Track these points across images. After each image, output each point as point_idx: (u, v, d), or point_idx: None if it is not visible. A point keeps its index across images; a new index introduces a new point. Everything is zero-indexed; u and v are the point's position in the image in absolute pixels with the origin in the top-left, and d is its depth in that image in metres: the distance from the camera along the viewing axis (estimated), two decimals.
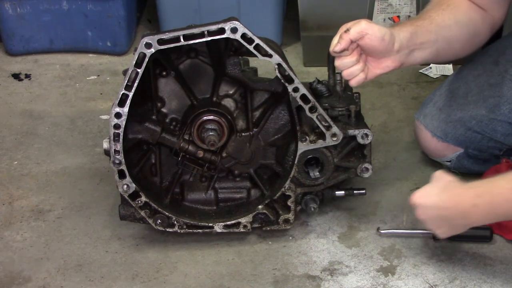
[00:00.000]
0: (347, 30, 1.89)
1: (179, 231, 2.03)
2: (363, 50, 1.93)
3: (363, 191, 2.14)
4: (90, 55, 3.17)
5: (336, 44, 1.90)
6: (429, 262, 1.97)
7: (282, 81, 1.93)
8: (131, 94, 1.88)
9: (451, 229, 1.85)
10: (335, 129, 1.97)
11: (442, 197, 1.79)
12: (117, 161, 1.94)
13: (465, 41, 2.09)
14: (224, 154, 2.06)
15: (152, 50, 1.86)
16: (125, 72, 1.90)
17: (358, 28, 1.89)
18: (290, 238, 2.08)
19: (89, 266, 2.00)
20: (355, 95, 2.11)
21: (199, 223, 2.03)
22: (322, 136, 1.98)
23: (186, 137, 2.03)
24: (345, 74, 1.95)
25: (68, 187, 2.33)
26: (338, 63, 1.95)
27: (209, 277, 1.95)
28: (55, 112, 2.76)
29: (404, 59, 1.98)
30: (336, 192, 2.11)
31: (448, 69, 2.90)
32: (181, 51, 2.02)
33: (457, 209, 1.78)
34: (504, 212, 1.74)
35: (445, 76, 2.85)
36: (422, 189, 1.85)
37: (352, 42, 1.89)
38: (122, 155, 1.93)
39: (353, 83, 1.96)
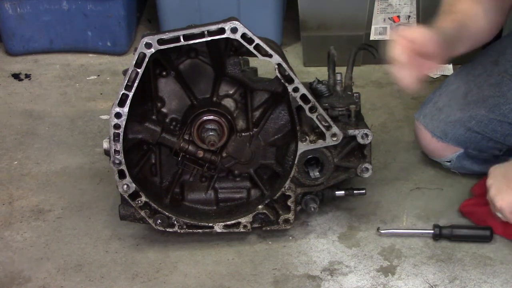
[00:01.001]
0: (406, 37, 1.84)
1: (179, 231, 2.03)
2: (417, 53, 1.87)
3: (363, 191, 2.14)
4: (90, 55, 3.17)
5: (399, 55, 1.83)
6: (429, 262, 1.97)
7: (282, 81, 1.93)
8: (131, 94, 1.88)
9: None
10: (335, 129, 1.97)
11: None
12: (117, 161, 1.94)
13: (493, 27, 2.14)
14: (224, 154, 2.06)
15: (152, 50, 1.86)
16: (125, 72, 1.90)
17: (421, 37, 1.84)
18: (290, 238, 2.08)
19: (89, 266, 2.00)
20: (355, 95, 2.11)
21: (199, 223, 2.03)
22: (322, 136, 1.98)
23: (186, 137, 2.03)
24: (399, 78, 1.87)
25: (68, 187, 2.33)
26: (397, 74, 1.86)
27: (209, 277, 1.95)
28: (55, 112, 2.76)
29: (447, 54, 1.97)
30: (336, 192, 2.11)
31: (448, 69, 2.90)
32: (181, 51, 2.02)
33: None
34: None
35: (445, 76, 2.85)
36: (501, 194, 1.93)
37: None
38: (122, 155, 1.93)
39: (407, 84, 1.87)
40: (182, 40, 1.87)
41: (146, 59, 1.87)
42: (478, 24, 2.08)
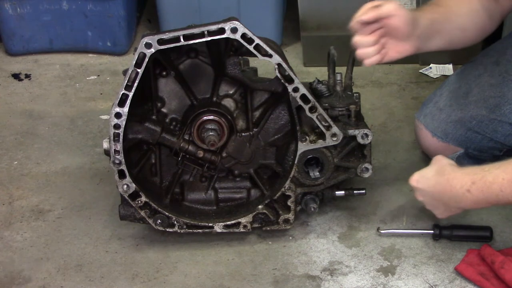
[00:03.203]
0: (377, 6, 1.88)
1: (179, 231, 2.03)
2: (386, 31, 1.91)
3: (363, 191, 2.14)
4: (90, 55, 3.17)
5: (363, 14, 1.89)
6: (429, 262, 1.97)
7: (282, 81, 1.93)
8: (131, 94, 1.88)
9: (447, 211, 1.91)
10: (335, 129, 1.97)
11: (438, 180, 1.86)
12: (117, 161, 1.94)
13: (478, 29, 2.10)
14: (224, 154, 2.06)
15: (152, 50, 1.86)
16: (125, 72, 1.90)
17: (391, 7, 1.88)
18: (290, 238, 2.08)
19: (89, 266, 2.00)
20: (355, 95, 2.11)
21: (199, 223, 2.03)
22: (322, 136, 1.98)
23: (186, 137, 2.03)
24: (360, 53, 1.93)
25: (68, 187, 2.33)
26: (357, 39, 1.92)
27: (209, 277, 1.95)
28: (55, 112, 2.76)
29: (421, 45, 1.98)
30: (336, 192, 2.11)
31: (448, 69, 2.90)
32: (181, 51, 2.02)
33: (451, 193, 1.82)
34: (496, 200, 1.76)
35: (445, 76, 2.85)
36: (421, 171, 1.91)
37: (377, 19, 1.89)
38: (122, 155, 1.93)
39: (367, 63, 1.93)
40: (182, 40, 1.87)
41: (146, 59, 1.87)
42: (461, 23, 2.05)
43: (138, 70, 1.87)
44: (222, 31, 1.86)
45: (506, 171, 1.72)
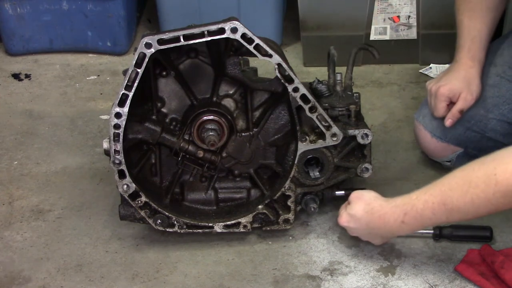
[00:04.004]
0: (461, 111, 2.15)
1: (179, 231, 2.03)
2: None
3: None
4: (90, 55, 3.17)
5: (448, 120, 2.17)
6: (429, 262, 1.97)
7: (282, 81, 1.93)
8: (131, 94, 1.88)
9: (384, 239, 1.97)
10: (335, 129, 1.97)
11: (369, 219, 1.88)
12: (117, 161, 1.94)
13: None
14: (224, 154, 2.06)
15: (152, 50, 1.86)
16: (125, 72, 1.90)
17: (466, 103, 2.15)
18: (290, 238, 2.08)
19: (89, 266, 2.00)
20: (355, 95, 2.11)
21: (199, 223, 2.03)
22: (322, 136, 1.98)
23: (186, 137, 2.03)
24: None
25: (68, 187, 2.33)
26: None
27: (209, 277, 1.95)
28: (55, 112, 2.76)
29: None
30: (336, 192, 2.11)
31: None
32: (181, 51, 2.02)
33: (386, 227, 1.86)
34: (431, 223, 1.81)
35: None
36: (348, 210, 1.92)
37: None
38: (122, 155, 1.93)
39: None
40: (182, 40, 1.87)
41: (146, 59, 1.87)
42: (492, 5, 2.18)
43: (138, 70, 1.87)
44: (222, 31, 1.86)
45: (433, 195, 1.75)
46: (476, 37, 2.17)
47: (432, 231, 2.03)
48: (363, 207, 1.89)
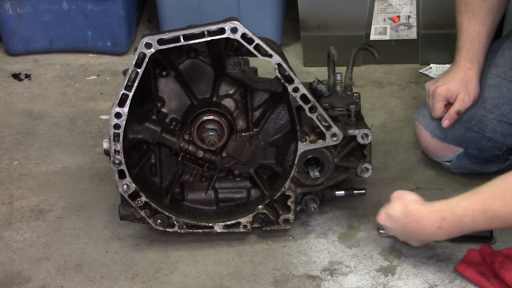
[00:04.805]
0: (458, 112, 2.16)
1: (179, 231, 2.03)
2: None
3: (363, 191, 2.14)
4: (90, 55, 3.17)
5: (445, 120, 2.18)
6: (429, 262, 1.97)
7: (282, 81, 1.93)
8: (131, 94, 1.88)
9: (421, 243, 1.94)
10: (335, 129, 1.97)
11: (406, 221, 1.87)
12: (117, 161, 1.94)
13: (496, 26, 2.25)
14: (224, 154, 2.06)
15: (152, 50, 1.86)
16: (125, 72, 1.90)
17: (463, 104, 2.15)
18: (290, 238, 2.08)
19: (89, 266, 2.00)
20: (355, 95, 2.11)
21: (199, 223, 2.03)
22: (322, 136, 1.98)
23: (186, 137, 2.03)
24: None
25: (68, 187, 2.33)
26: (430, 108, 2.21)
27: (209, 277, 1.95)
28: (55, 112, 2.76)
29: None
30: (336, 192, 2.11)
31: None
32: (181, 51, 2.02)
33: (423, 231, 1.85)
34: (471, 229, 1.81)
35: None
36: (387, 209, 1.92)
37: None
38: (122, 155, 1.93)
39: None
40: (182, 40, 1.87)
41: (146, 59, 1.87)
42: (492, 8, 2.18)
43: (138, 70, 1.87)
44: (222, 31, 1.86)
45: (474, 202, 1.75)
46: (475, 39, 2.17)
47: None
48: (401, 208, 1.88)
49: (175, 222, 2.02)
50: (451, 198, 1.80)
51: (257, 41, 1.88)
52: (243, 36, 1.87)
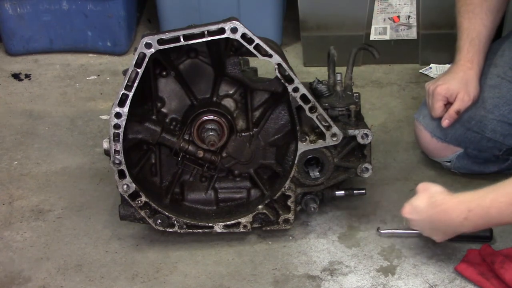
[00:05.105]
0: (450, 105, 2.16)
1: (179, 231, 2.03)
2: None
3: (363, 191, 2.14)
4: (90, 55, 3.17)
5: (444, 120, 2.18)
6: (429, 262, 1.97)
7: (282, 81, 1.93)
8: (131, 94, 1.88)
9: (445, 236, 1.90)
10: (335, 129, 1.97)
11: (432, 212, 1.84)
12: (117, 161, 1.94)
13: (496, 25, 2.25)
14: (224, 154, 2.06)
15: (152, 50, 1.86)
16: (125, 72, 1.90)
17: (462, 104, 2.15)
18: (290, 238, 2.08)
19: (89, 266, 2.00)
20: (355, 95, 2.11)
21: (199, 223, 2.03)
22: (322, 136, 1.98)
23: (186, 137, 2.03)
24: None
25: (68, 187, 2.33)
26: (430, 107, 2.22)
27: (209, 277, 1.95)
28: (55, 112, 2.76)
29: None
30: (336, 192, 2.11)
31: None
32: (181, 51, 2.02)
33: (448, 222, 1.83)
34: (497, 221, 1.79)
35: None
36: (412, 202, 1.89)
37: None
38: (122, 155, 1.93)
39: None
40: (182, 40, 1.87)
41: (146, 59, 1.87)
42: (492, 8, 2.18)
43: (138, 70, 1.87)
44: (222, 31, 1.86)
45: (501, 194, 1.74)
46: (475, 39, 2.17)
47: None
48: (427, 200, 1.86)
49: (175, 222, 2.02)
50: (478, 190, 1.79)
51: (257, 41, 1.88)
52: (243, 36, 1.87)
